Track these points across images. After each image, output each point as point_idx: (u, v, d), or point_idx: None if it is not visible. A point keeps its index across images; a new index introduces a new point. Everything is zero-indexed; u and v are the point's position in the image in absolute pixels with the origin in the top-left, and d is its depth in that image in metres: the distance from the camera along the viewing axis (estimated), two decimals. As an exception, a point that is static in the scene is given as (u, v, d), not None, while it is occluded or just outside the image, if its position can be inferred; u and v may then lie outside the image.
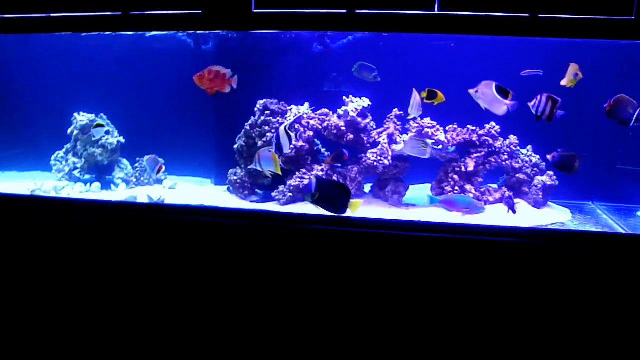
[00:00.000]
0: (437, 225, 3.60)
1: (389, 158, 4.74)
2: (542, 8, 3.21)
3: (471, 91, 3.89)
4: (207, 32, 5.27)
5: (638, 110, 3.73)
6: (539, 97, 3.79)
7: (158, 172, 4.82)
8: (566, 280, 3.20)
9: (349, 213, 3.54)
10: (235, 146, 5.09)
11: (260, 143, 4.85)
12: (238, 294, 3.52)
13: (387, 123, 4.97)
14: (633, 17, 3.12)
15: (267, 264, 3.46)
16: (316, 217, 3.71)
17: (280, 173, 4.15)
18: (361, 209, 4.51)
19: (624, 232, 4.01)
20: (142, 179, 5.54)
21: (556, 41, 3.39)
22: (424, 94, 4.17)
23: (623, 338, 3.20)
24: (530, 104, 3.82)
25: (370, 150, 4.82)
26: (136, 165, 5.59)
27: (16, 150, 5.84)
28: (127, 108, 5.61)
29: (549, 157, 3.99)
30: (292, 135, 4.09)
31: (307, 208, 4.59)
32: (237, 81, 3.96)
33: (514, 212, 4.30)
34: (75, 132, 5.52)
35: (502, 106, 3.80)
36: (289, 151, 4.15)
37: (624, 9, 3.13)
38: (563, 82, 4.05)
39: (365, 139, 4.93)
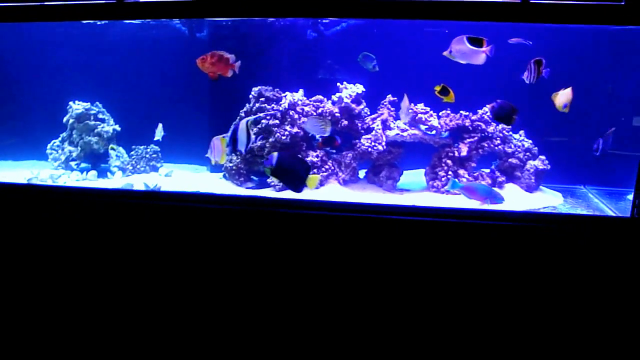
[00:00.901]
0: (431, 210, 3.64)
1: (383, 144, 4.77)
2: (533, -6, 3.24)
3: (445, 53, 3.91)
4: (201, 19, 5.28)
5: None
6: (529, 66, 3.86)
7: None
8: (558, 262, 3.26)
9: (307, 190, 3.58)
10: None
11: (255, 130, 4.88)
12: (235, 280, 3.56)
13: (380, 109, 5.01)
14: (623, 3, 3.16)
15: (263, 250, 3.49)
16: (311, 202, 3.75)
17: (222, 162, 4.20)
18: (356, 194, 4.58)
19: (613, 214, 4.06)
20: (138, 166, 5.56)
21: (549, 27, 3.42)
22: (438, 88, 4.18)
23: (613, 319, 3.26)
24: (524, 76, 3.87)
25: (364, 136, 4.86)
26: (132, 152, 5.61)
27: (12, 139, 5.85)
28: (123, 96, 5.62)
29: (488, 106, 3.96)
30: (252, 133, 4.07)
31: (302, 194, 4.62)
32: (240, 66, 3.98)
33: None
34: (71, 120, 5.52)
35: (480, 55, 3.82)
36: (243, 150, 4.13)
37: (614, -6, 3.17)
38: (556, 102, 4.12)
39: (359, 125, 4.97)
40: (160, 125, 5.33)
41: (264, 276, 3.52)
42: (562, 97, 4.09)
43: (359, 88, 4.98)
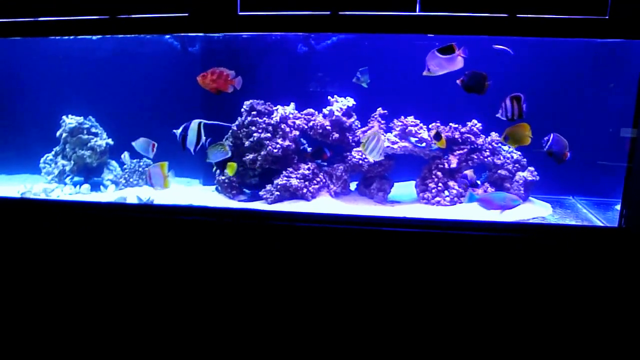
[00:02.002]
0: (422, 221, 3.68)
1: (374, 156, 4.82)
2: (520, 8, 3.30)
3: (424, 73, 3.95)
4: (194, 34, 5.32)
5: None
6: (503, 103, 3.91)
7: (153, 150, 4.75)
8: (547, 272, 3.30)
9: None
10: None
11: (247, 143, 4.91)
12: (227, 292, 3.57)
13: (371, 122, 5.05)
14: (607, 17, 3.23)
15: (255, 262, 3.52)
16: (303, 214, 3.78)
17: (168, 187, 4.32)
18: (348, 206, 4.61)
19: (602, 224, 4.11)
20: (131, 180, 5.58)
21: (536, 40, 3.48)
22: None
23: (603, 328, 3.30)
24: (499, 114, 3.92)
25: (355, 149, 4.90)
26: (125, 166, 5.63)
27: (5, 153, 5.85)
28: (116, 110, 5.64)
29: (458, 81, 3.93)
30: (202, 135, 4.18)
31: (294, 206, 4.66)
32: (241, 82, 4.10)
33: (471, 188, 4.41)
34: (64, 134, 5.54)
35: (456, 60, 3.86)
36: (192, 150, 4.24)
37: (599, 9, 3.24)
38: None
39: (350, 137, 5.01)
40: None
41: (257, 288, 3.54)
42: (517, 135, 4.18)
43: (350, 101, 5.03)
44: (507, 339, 3.38)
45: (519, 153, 4.96)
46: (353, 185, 5.21)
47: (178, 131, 4.22)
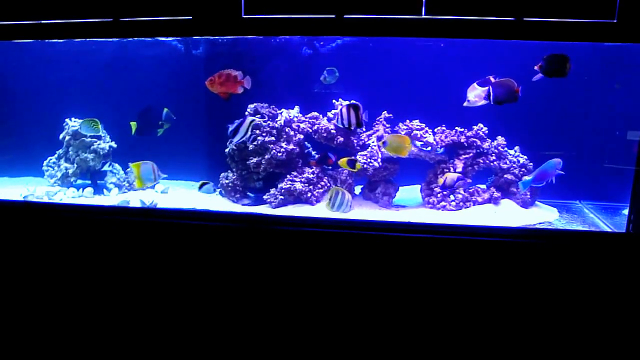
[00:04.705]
0: (427, 226, 3.65)
1: (379, 160, 4.78)
2: (527, 12, 3.27)
3: (465, 104, 4.12)
4: (198, 37, 5.30)
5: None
6: (340, 111, 4.22)
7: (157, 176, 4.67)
8: (554, 277, 3.26)
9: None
10: (227, 150, 5.12)
11: (251, 147, 4.89)
12: (231, 297, 3.55)
13: (376, 125, 5.02)
14: (615, 20, 3.19)
15: (259, 266, 3.49)
16: (308, 219, 3.76)
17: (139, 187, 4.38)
18: (353, 210, 4.57)
19: (609, 230, 4.07)
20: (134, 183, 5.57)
21: (544, 42, 3.44)
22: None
23: (610, 334, 3.26)
24: (334, 121, 4.20)
25: (360, 153, 4.87)
26: (128, 169, 5.62)
27: (8, 156, 5.84)
28: (119, 113, 5.62)
29: (536, 67, 3.84)
30: (249, 132, 4.31)
31: (299, 210, 4.63)
32: (250, 82, 4.10)
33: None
34: (67, 137, 5.53)
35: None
36: (235, 141, 4.30)
37: (607, 13, 3.20)
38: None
39: (355, 141, 4.98)
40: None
41: (261, 293, 3.51)
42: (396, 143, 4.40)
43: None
44: (514, 345, 3.35)
45: (525, 157, 4.92)
46: (358, 189, 5.18)
47: (233, 126, 4.32)
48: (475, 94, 4.05)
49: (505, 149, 4.93)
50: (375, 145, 4.83)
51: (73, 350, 3.68)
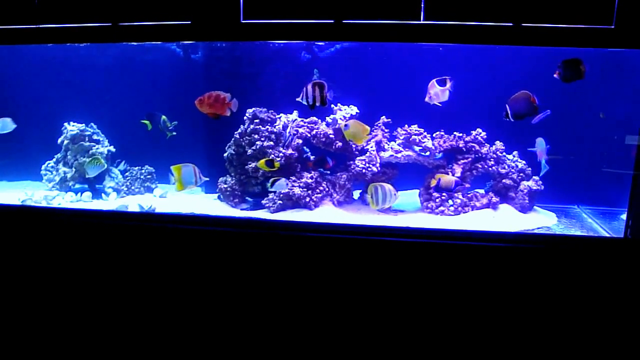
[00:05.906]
0: (426, 231, 3.65)
1: (377, 165, 4.78)
2: (525, 17, 3.28)
3: (426, 99, 4.22)
4: (196, 42, 5.31)
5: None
6: (305, 89, 4.15)
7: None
8: (552, 282, 3.27)
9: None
10: (225, 154, 5.12)
11: (250, 151, 4.89)
12: (229, 301, 3.55)
13: (374, 130, 5.02)
14: (613, 26, 3.20)
15: (258, 271, 3.49)
16: (306, 224, 3.76)
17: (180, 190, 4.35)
18: (351, 215, 4.58)
19: (607, 235, 4.07)
20: (132, 187, 5.56)
21: (542, 48, 3.45)
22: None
23: (608, 339, 3.26)
24: (299, 99, 4.16)
25: (358, 158, 4.87)
26: (127, 174, 5.62)
27: (6, 160, 5.84)
28: (117, 117, 5.63)
29: (555, 75, 3.87)
30: (289, 139, 4.43)
31: (297, 215, 4.63)
32: (237, 105, 4.16)
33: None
34: (66, 141, 5.53)
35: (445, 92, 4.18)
36: (282, 142, 4.48)
37: (605, 19, 3.21)
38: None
39: (353, 146, 4.98)
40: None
41: (259, 298, 3.51)
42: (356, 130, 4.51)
43: (353, 109, 5.00)
44: (513, 350, 3.35)
45: (524, 162, 4.93)
46: (356, 194, 5.18)
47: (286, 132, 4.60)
48: (434, 91, 4.21)
49: (504, 153, 4.94)
50: (373, 150, 4.83)
51: (72, 353, 3.68)
